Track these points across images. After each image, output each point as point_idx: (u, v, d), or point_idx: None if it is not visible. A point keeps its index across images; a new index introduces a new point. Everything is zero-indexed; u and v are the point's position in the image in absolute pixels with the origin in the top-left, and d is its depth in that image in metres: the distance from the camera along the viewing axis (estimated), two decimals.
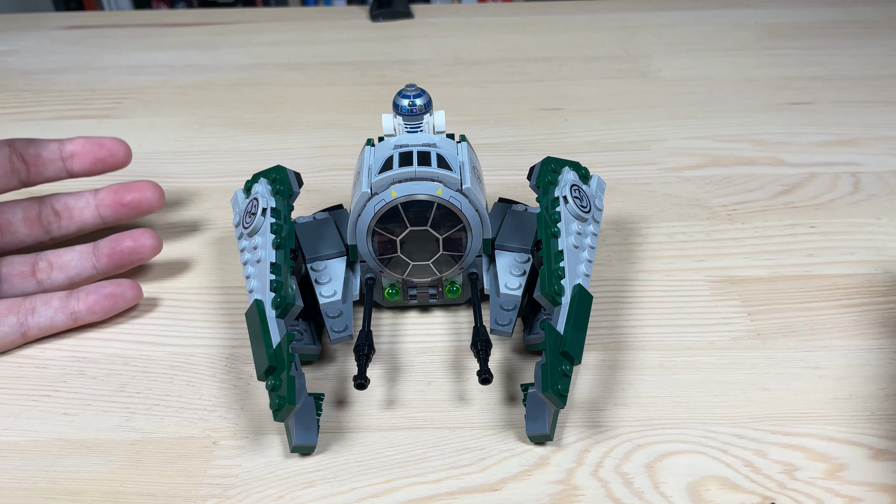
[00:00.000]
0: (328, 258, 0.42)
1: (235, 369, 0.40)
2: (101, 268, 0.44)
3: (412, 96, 0.41)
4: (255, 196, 0.42)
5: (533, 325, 0.41)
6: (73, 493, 0.34)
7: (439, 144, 0.40)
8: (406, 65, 0.77)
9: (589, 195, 0.42)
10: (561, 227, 0.39)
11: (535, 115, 0.66)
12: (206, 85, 0.73)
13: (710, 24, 0.85)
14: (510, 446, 0.36)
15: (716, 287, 0.45)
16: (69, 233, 0.46)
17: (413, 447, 0.36)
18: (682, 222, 0.51)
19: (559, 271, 0.37)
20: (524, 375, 0.39)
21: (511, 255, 0.42)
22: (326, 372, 0.40)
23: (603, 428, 0.36)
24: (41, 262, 0.44)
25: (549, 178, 0.42)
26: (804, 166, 0.57)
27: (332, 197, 0.54)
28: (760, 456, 0.35)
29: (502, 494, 0.33)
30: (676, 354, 0.40)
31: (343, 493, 0.34)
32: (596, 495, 0.33)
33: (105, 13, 1.06)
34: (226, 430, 0.37)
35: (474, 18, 0.89)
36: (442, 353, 0.41)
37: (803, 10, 0.88)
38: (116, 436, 0.37)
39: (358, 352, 0.36)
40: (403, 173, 0.38)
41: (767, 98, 0.68)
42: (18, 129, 0.66)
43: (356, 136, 0.62)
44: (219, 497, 0.33)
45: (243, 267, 0.40)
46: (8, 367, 0.41)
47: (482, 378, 0.35)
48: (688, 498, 0.33)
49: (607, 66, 0.76)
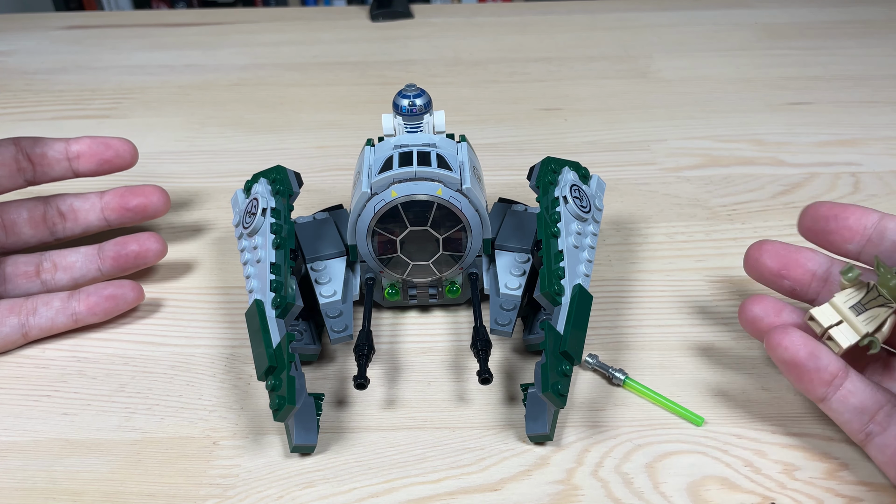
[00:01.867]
0: (328, 258, 0.42)
1: (235, 369, 0.40)
2: (106, 270, 0.44)
3: (412, 96, 0.41)
4: (255, 196, 0.42)
5: (533, 325, 0.41)
6: (73, 493, 0.34)
7: (439, 144, 0.40)
8: (406, 65, 0.77)
9: (589, 195, 0.42)
10: (561, 227, 0.39)
11: (535, 115, 0.66)
12: (206, 85, 0.73)
13: (709, 24, 0.85)
14: (510, 446, 0.36)
15: (716, 287, 0.45)
16: (74, 234, 0.46)
17: (413, 447, 0.36)
18: (682, 222, 0.51)
19: (559, 271, 0.37)
20: (524, 375, 0.39)
21: (511, 255, 0.42)
22: (326, 372, 0.40)
23: (603, 428, 0.36)
24: (45, 263, 0.44)
25: (549, 178, 0.42)
26: (804, 166, 0.57)
27: (332, 197, 0.54)
28: (760, 456, 0.35)
29: (502, 494, 0.33)
30: (676, 354, 0.40)
31: (343, 493, 0.34)
32: (596, 495, 0.33)
33: (105, 13, 1.06)
34: (226, 430, 0.37)
35: (474, 18, 0.89)
36: (442, 353, 0.41)
37: (803, 10, 0.88)
38: (116, 436, 0.37)
39: (358, 352, 0.36)
40: (403, 173, 0.38)
41: (767, 98, 0.68)
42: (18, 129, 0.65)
43: (356, 136, 0.62)
44: (219, 497, 0.33)
45: (243, 267, 0.40)
46: (8, 367, 0.41)
47: (482, 378, 0.35)
48: (688, 498, 0.33)
49: (607, 66, 0.76)
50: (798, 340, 0.32)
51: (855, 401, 0.32)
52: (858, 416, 0.32)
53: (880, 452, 0.32)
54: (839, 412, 0.33)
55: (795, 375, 0.33)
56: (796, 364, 0.32)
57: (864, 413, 0.32)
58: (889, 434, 0.32)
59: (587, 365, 0.39)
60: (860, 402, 0.32)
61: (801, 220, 0.36)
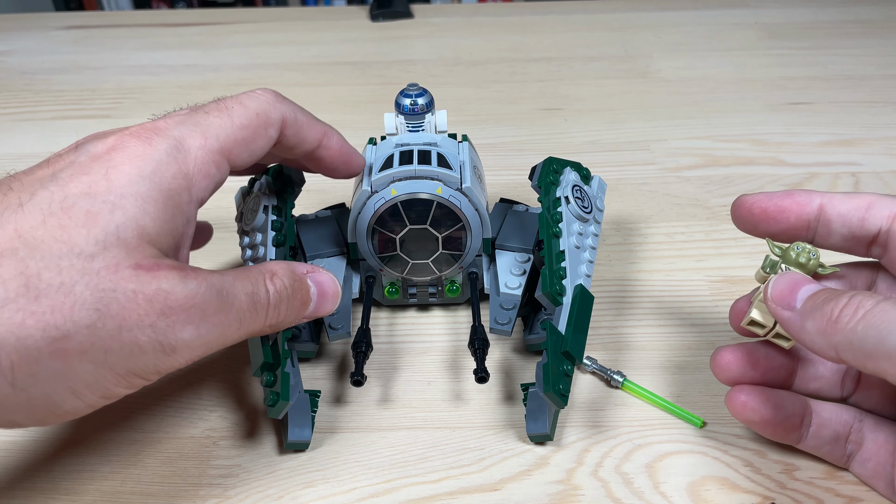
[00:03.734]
0: (328, 256, 0.42)
1: (235, 369, 0.40)
2: None
3: (414, 95, 0.41)
4: (256, 193, 0.42)
5: (533, 325, 0.41)
6: (73, 493, 0.34)
7: (440, 143, 0.40)
8: (406, 65, 0.77)
9: (590, 196, 0.42)
10: (562, 228, 0.39)
11: (535, 115, 0.66)
12: (206, 85, 0.73)
13: (710, 24, 0.85)
14: (510, 446, 0.36)
15: (716, 287, 0.45)
16: None
17: (413, 447, 0.36)
18: (682, 222, 0.51)
19: (560, 271, 0.37)
20: (524, 375, 0.39)
21: (511, 255, 0.42)
22: (325, 369, 0.40)
23: (603, 428, 0.36)
24: None
25: (551, 178, 0.42)
26: (804, 166, 0.57)
27: (332, 197, 0.54)
28: (760, 456, 0.35)
29: (502, 494, 0.33)
30: (676, 354, 0.40)
31: (343, 493, 0.34)
32: (596, 495, 0.33)
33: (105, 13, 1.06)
34: (225, 429, 0.37)
35: (474, 18, 0.89)
36: (441, 352, 0.41)
37: (803, 10, 0.88)
38: (116, 435, 0.37)
39: (355, 349, 0.36)
40: (403, 172, 0.38)
41: (767, 98, 0.68)
42: (19, 129, 0.66)
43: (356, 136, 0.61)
44: (219, 497, 0.33)
45: (244, 263, 0.40)
46: None
47: (478, 376, 0.35)
48: (688, 498, 0.33)
49: (607, 66, 0.76)
50: (759, 397, 0.32)
51: (827, 432, 0.33)
52: (835, 444, 0.33)
53: (863, 468, 0.32)
54: (817, 447, 0.33)
55: (769, 432, 0.33)
56: (765, 422, 0.32)
57: (840, 439, 0.33)
58: (866, 449, 0.32)
59: (586, 368, 0.39)
60: (833, 432, 0.33)
61: (737, 214, 0.34)
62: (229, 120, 0.31)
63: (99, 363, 0.25)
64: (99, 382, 0.26)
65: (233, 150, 0.30)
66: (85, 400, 0.26)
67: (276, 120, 0.32)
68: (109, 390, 0.26)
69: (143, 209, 0.27)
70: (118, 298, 0.25)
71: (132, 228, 0.26)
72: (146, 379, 0.27)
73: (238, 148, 0.31)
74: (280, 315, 0.31)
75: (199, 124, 0.30)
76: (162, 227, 0.27)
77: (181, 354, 0.27)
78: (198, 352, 0.28)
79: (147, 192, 0.27)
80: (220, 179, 0.31)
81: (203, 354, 0.28)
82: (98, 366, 0.25)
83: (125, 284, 0.25)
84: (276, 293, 0.31)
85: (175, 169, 0.28)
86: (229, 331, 0.28)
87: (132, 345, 0.25)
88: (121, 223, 0.26)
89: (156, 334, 0.26)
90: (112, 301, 0.25)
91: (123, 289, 0.25)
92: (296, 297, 0.32)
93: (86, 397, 0.26)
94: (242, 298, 0.29)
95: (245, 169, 0.37)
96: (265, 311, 0.30)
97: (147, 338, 0.26)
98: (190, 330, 0.27)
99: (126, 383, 0.27)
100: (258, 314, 0.30)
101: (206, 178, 0.29)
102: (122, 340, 0.25)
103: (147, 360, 0.26)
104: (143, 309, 0.25)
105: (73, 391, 0.26)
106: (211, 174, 0.30)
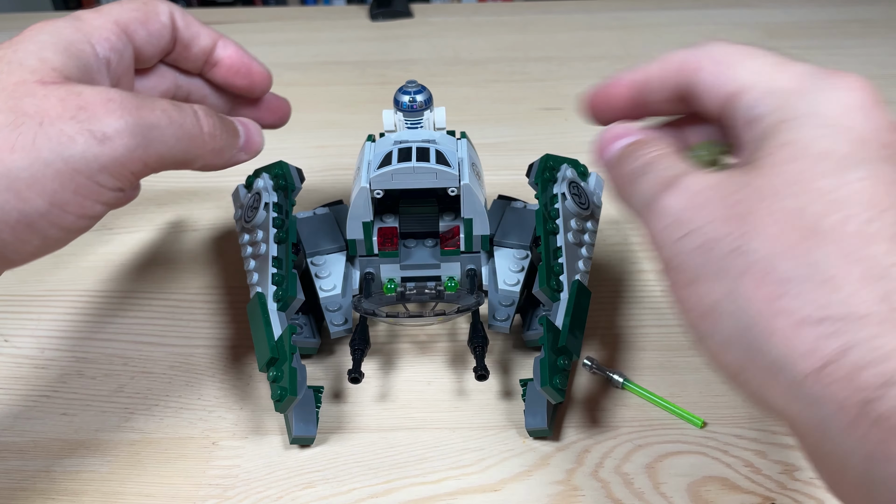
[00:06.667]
0: (328, 252, 0.43)
1: (235, 369, 0.40)
2: None
3: (413, 92, 0.41)
4: (256, 191, 0.42)
5: (531, 321, 0.40)
6: (73, 493, 0.34)
7: (439, 141, 0.40)
8: (406, 64, 0.77)
9: (587, 192, 0.42)
10: (560, 224, 0.39)
11: (535, 114, 0.66)
12: None
13: (710, 24, 0.85)
14: (510, 446, 0.36)
15: None
16: None
17: (413, 447, 0.36)
18: None
19: (558, 267, 0.37)
20: (523, 371, 0.39)
21: (510, 252, 0.42)
22: (325, 365, 0.40)
23: (603, 428, 0.36)
24: None
25: (548, 174, 0.42)
26: None
27: (331, 196, 0.53)
28: (760, 456, 0.35)
29: (502, 495, 0.33)
30: (676, 354, 0.40)
31: (343, 493, 0.34)
32: (596, 496, 0.33)
33: None
34: (225, 430, 0.37)
35: (474, 18, 0.89)
36: (441, 351, 0.41)
37: (803, 10, 0.88)
38: (116, 436, 0.37)
39: (353, 346, 0.36)
40: (402, 168, 0.38)
41: None
42: None
43: (356, 136, 0.61)
44: (219, 497, 0.33)
45: (245, 261, 0.40)
46: (8, 368, 0.41)
47: (478, 374, 0.35)
48: (688, 498, 0.33)
49: (607, 66, 0.76)
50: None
51: None
52: None
53: None
54: None
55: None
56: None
57: None
58: None
59: (585, 368, 0.39)
60: None
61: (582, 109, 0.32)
62: (119, 5, 0.33)
63: (33, 160, 0.26)
64: (50, 190, 0.26)
65: (129, 24, 0.32)
66: (54, 219, 0.27)
67: (164, 9, 0.34)
68: (68, 201, 0.27)
69: (42, 46, 0.29)
70: (33, 101, 0.27)
71: (34, 57, 0.28)
72: (99, 184, 0.27)
73: (133, 24, 0.32)
74: (215, 129, 0.31)
75: (94, 10, 0.32)
76: (65, 63, 0.29)
77: (117, 141, 0.27)
78: (137, 140, 0.28)
79: (46, 39, 0.29)
80: (122, 49, 0.32)
81: (153, 152, 0.28)
82: (33, 163, 0.26)
83: (36, 90, 0.27)
84: (202, 109, 0.31)
85: (72, 29, 0.30)
86: (162, 124, 0.29)
87: (59, 135, 0.26)
88: (23, 57, 0.28)
89: (80, 124, 0.27)
90: (27, 105, 0.27)
91: (34, 93, 0.27)
92: (224, 121, 0.33)
93: (54, 214, 0.27)
94: (165, 104, 0.30)
95: (162, 59, 0.36)
96: (194, 116, 0.31)
97: (72, 129, 0.27)
98: (114, 119, 0.27)
99: (83, 189, 0.27)
100: (186, 116, 0.30)
101: (105, 40, 0.31)
102: (47, 134, 0.26)
103: (81, 150, 0.27)
104: (59, 106, 0.27)
105: (35, 208, 0.26)
106: (111, 40, 0.31)
